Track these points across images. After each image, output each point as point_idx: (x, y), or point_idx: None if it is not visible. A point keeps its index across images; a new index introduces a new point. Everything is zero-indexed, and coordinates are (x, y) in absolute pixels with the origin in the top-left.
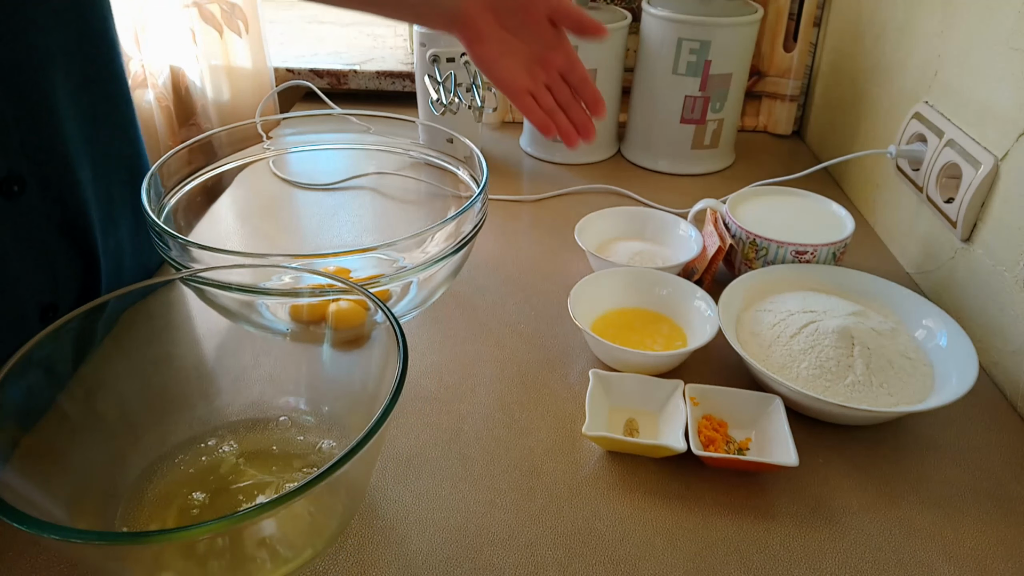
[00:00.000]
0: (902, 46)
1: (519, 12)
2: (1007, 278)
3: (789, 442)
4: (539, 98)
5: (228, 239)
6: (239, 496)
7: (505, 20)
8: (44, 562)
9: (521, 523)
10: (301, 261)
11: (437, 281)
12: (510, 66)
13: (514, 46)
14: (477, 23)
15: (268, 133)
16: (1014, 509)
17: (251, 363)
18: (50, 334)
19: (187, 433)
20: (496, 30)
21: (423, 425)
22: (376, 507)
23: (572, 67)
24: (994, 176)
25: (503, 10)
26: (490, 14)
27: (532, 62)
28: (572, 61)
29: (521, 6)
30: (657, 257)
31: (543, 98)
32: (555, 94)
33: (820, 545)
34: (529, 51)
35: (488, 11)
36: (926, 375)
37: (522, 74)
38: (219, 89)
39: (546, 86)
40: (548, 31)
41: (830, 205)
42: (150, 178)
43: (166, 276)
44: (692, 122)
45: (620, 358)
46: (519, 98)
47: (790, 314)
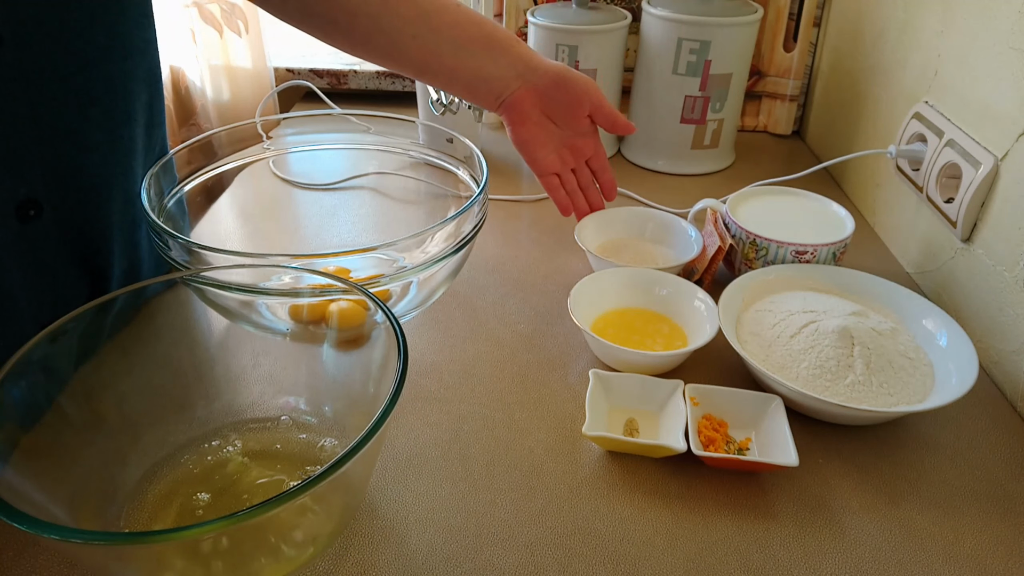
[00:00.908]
0: (902, 46)
1: (567, 104)
2: (1007, 278)
3: (789, 442)
4: (564, 180)
5: (228, 239)
6: (243, 496)
7: (549, 109)
8: (44, 562)
9: (521, 523)
10: (301, 261)
11: (437, 281)
12: (545, 149)
13: (551, 130)
14: (524, 108)
15: (268, 133)
16: (1014, 509)
17: (251, 363)
18: (50, 334)
19: (187, 433)
20: (539, 116)
21: (423, 425)
22: (376, 507)
23: (596, 154)
24: (994, 176)
25: (551, 101)
26: (539, 101)
27: (563, 146)
28: (597, 149)
29: (570, 100)
30: (657, 257)
31: (567, 180)
32: (577, 176)
33: (820, 545)
34: (562, 136)
35: (537, 99)
36: (926, 375)
37: (553, 157)
38: (219, 89)
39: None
40: (585, 124)
41: (830, 205)
42: (150, 178)
43: (166, 276)
44: (692, 122)
45: (620, 358)
46: (547, 178)
47: (790, 314)
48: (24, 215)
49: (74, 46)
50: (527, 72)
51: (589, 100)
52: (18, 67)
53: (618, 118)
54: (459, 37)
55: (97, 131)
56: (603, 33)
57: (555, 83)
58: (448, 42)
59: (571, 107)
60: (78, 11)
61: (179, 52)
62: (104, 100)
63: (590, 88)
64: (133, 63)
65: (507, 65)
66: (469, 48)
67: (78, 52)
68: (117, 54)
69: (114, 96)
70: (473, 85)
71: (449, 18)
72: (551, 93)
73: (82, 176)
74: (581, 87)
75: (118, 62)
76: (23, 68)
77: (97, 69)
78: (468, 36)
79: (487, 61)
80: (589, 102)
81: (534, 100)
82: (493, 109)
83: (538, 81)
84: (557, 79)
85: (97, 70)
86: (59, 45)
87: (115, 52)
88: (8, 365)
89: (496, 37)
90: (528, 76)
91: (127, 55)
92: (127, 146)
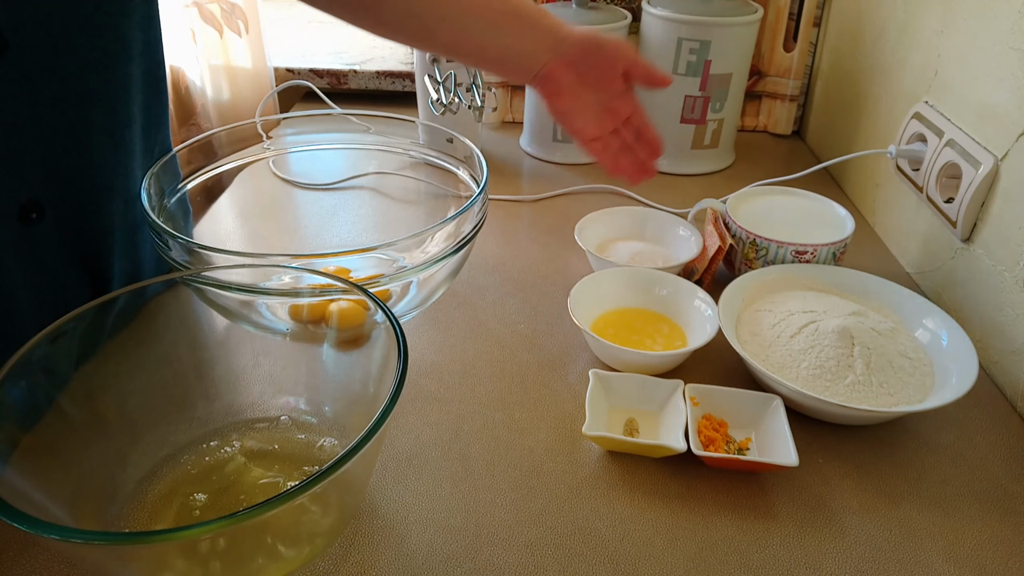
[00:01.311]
0: (902, 46)
1: (600, 68)
2: (1007, 278)
3: (789, 442)
4: (606, 142)
5: (228, 239)
6: (241, 496)
7: (584, 75)
8: (44, 562)
9: (521, 523)
10: (301, 261)
11: (437, 281)
12: (584, 117)
13: (587, 98)
14: (558, 80)
15: (268, 133)
16: (1014, 509)
17: (251, 363)
18: (50, 334)
19: (188, 433)
20: (574, 85)
21: (423, 425)
22: (376, 507)
23: (636, 111)
24: (994, 176)
25: (585, 66)
26: (572, 71)
27: (601, 111)
28: (636, 107)
29: (603, 64)
30: (657, 257)
31: (611, 142)
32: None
33: (820, 545)
34: (599, 100)
35: (570, 68)
36: (926, 375)
37: (593, 123)
38: (219, 89)
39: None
40: (620, 84)
41: (830, 205)
42: (150, 178)
43: (166, 276)
44: (692, 122)
45: (620, 358)
46: (590, 144)
47: (790, 314)
48: (26, 217)
49: (78, 49)
50: (557, 44)
51: (623, 60)
52: (22, 70)
53: (654, 73)
54: (488, 16)
55: (99, 132)
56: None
57: (585, 51)
58: (477, 21)
59: (604, 71)
60: (83, 14)
61: (179, 52)
62: (107, 102)
63: (622, 48)
64: (137, 65)
65: (536, 40)
66: (498, 26)
67: (82, 55)
68: (121, 56)
69: (117, 98)
70: (503, 62)
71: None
72: (583, 61)
73: (84, 178)
74: (612, 50)
75: (122, 64)
76: (27, 71)
77: (101, 71)
78: (496, 14)
79: (516, 38)
80: (623, 62)
81: (567, 70)
82: (526, 83)
83: (568, 51)
84: (587, 46)
85: (101, 72)
86: (63, 48)
87: (119, 54)
88: (8, 365)
89: (524, 12)
90: (558, 48)
91: (131, 57)
92: (129, 147)
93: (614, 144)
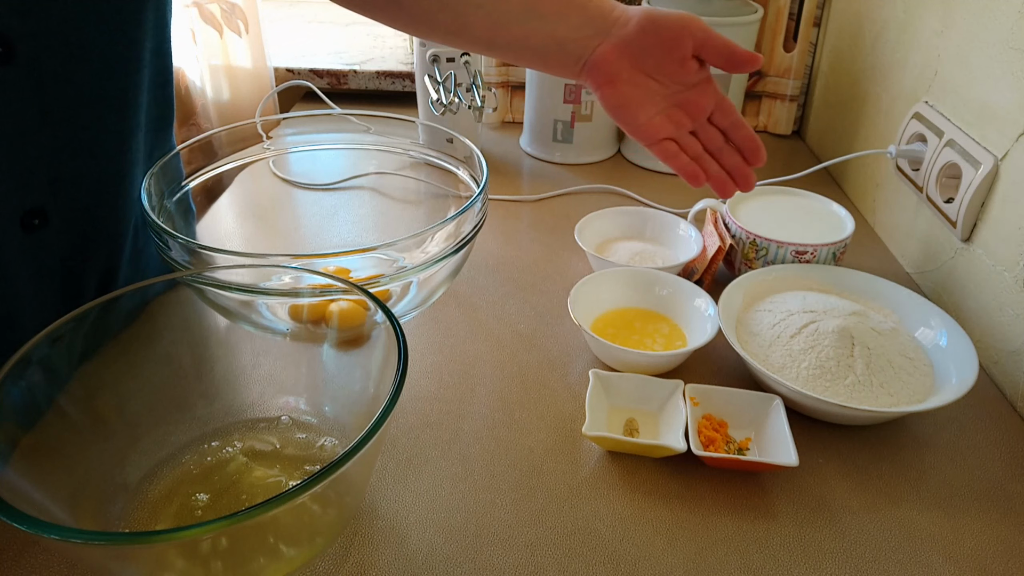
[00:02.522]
0: (902, 46)
1: (662, 50)
2: (1007, 278)
3: (789, 442)
4: (684, 144)
5: (228, 239)
6: (242, 496)
7: (643, 62)
8: (44, 562)
9: (521, 523)
10: (301, 261)
11: (437, 281)
12: (647, 111)
13: (651, 88)
14: (611, 66)
15: (268, 133)
16: (1014, 509)
17: (251, 363)
18: (50, 334)
19: (188, 433)
20: (631, 73)
21: (423, 425)
22: (376, 507)
23: (720, 107)
24: (994, 176)
25: (642, 52)
26: (627, 55)
27: (672, 106)
28: (720, 101)
29: (665, 44)
30: (657, 257)
31: (689, 144)
32: (703, 140)
33: (820, 545)
34: (667, 93)
35: (625, 53)
36: (926, 375)
37: (660, 119)
38: (219, 89)
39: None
40: (692, 70)
41: (830, 205)
42: (150, 178)
43: (166, 276)
44: None
45: (620, 358)
46: (659, 145)
47: (790, 314)
48: (29, 225)
49: (89, 58)
50: (606, 26)
51: (690, 37)
52: (31, 79)
53: (735, 50)
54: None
55: (108, 140)
56: None
57: (641, 30)
58: (516, 8)
59: (667, 52)
60: (95, 23)
61: (179, 52)
62: (116, 109)
63: (688, 23)
64: (147, 72)
65: (583, 24)
66: (539, 11)
67: (93, 63)
68: (132, 65)
69: (126, 105)
70: (547, 52)
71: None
72: (639, 43)
73: (89, 184)
74: (675, 25)
75: (133, 73)
76: (35, 80)
77: (111, 79)
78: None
79: (559, 24)
80: (691, 40)
81: (620, 55)
82: (576, 77)
83: (621, 32)
84: (643, 24)
85: (111, 80)
86: (73, 57)
87: (130, 63)
88: (8, 365)
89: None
90: (609, 30)
91: (142, 65)
92: (135, 153)
93: (692, 148)
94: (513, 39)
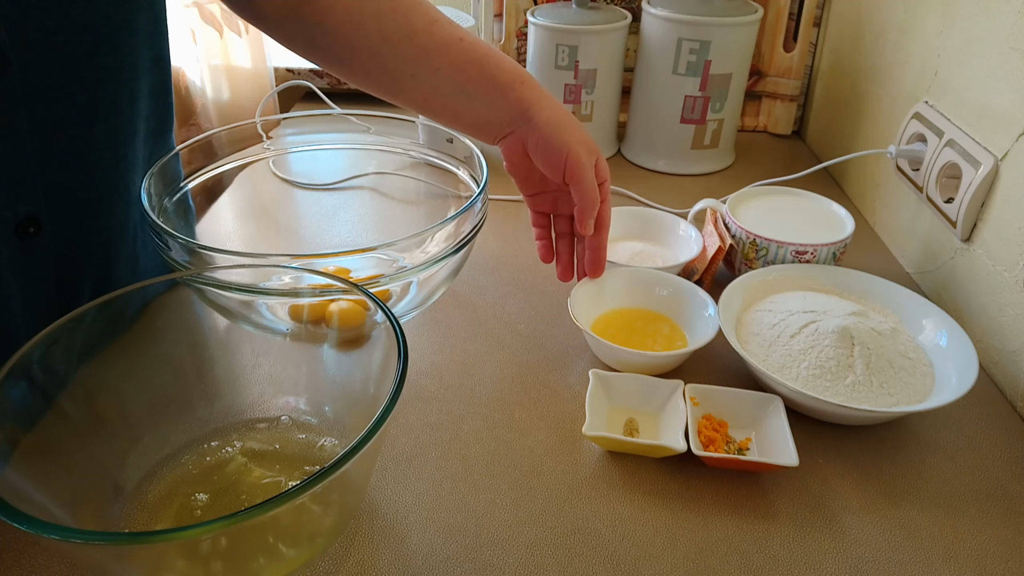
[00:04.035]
0: (902, 46)
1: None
2: (1007, 278)
3: (789, 442)
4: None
5: (228, 239)
6: (242, 496)
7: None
8: (44, 562)
9: (521, 523)
10: (301, 261)
11: (437, 281)
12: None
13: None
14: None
15: (268, 133)
16: (1014, 509)
17: (251, 363)
18: (50, 334)
19: (188, 433)
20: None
21: (423, 425)
22: (376, 507)
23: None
24: (994, 176)
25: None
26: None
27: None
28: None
29: (547, 161)
30: (657, 257)
31: (558, 222)
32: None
33: (820, 545)
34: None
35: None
36: (926, 375)
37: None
38: (219, 89)
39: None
40: (565, 188)
41: (830, 205)
42: (150, 178)
43: (166, 276)
44: (692, 122)
45: (620, 358)
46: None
47: (790, 314)
48: (24, 232)
49: (81, 68)
50: (520, 122)
51: (562, 173)
52: (24, 89)
53: (584, 211)
54: (458, 79)
55: (102, 148)
56: (603, 33)
57: (537, 144)
58: (447, 83)
59: (546, 167)
60: (87, 33)
61: (179, 52)
62: (111, 118)
63: (570, 162)
64: (144, 80)
65: (505, 110)
66: (468, 91)
67: (86, 72)
68: (126, 74)
69: (121, 114)
70: (473, 127)
71: (451, 57)
72: (533, 151)
73: (84, 193)
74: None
75: (127, 82)
76: (29, 89)
77: (104, 88)
78: (467, 78)
79: (485, 106)
80: (562, 175)
81: (520, 149)
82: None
83: (525, 135)
84: (540, 141)
85: (104, 90)
86: (66, 67)
87: (125, 71)
88: (8, 365)
89: (498, 80)
90: (518, 126)
91: (137, 74)
92: (131, 160)
93: (560, 226)
94: (443, 110)
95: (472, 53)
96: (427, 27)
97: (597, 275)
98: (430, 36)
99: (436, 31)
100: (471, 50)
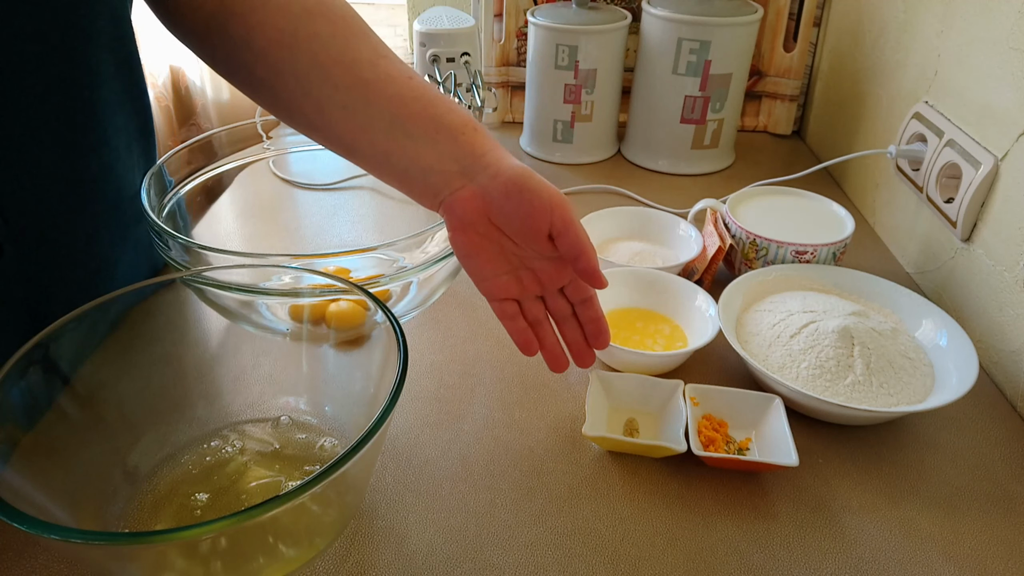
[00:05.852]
0: (902, 46)
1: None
2: (1007, 278)
3: (789, 442)
4: (525, 308)
5: (228, 239)
6: (242, 496)
7: (500, 220)
8: (44, 562)
9: (521, 523)
10: (301, 261)
11: (437, 281)
12: (496, 267)
13: (505, 247)
14: (466, 214)
15: (268, 133)
16: (1014, 509)
17: (251, 363)
18: (50, 334)
19: (188, 433)
20: (487, 227)
21: (423, 425)
22: (376, 507)
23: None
24: (994, 176)
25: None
26: (484, 210)
27: (524, 268)
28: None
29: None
30: (657, 257)
31: (530, 308)
32: (549, 307)
33: (820, 545)
34: (522, 255)
35: (484, 206)
36: (926, 375)
37: (508, 279)
38: (219, 89)
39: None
40: (547, 247)
41: (830, 205)
42: (150, 178)
43: (166, 276)
44: (692, 122)
45: (620, 358)
46: (499, 303)
47: (790, 314)
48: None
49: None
50: (474, 169)
51: (549, 221)
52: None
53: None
54: (398, 113)
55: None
56: (603, 33)
57: (507, 191)
58: (384, 118)
59: (525, 222)
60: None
61: (179, 52)
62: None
63: (554, 206)
64: (108, 88)
65: (450, 156)
66: (407, 128)
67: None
68: (84, 81)
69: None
70: (409, 176)
71: (392, 91)
72: (501, 201)
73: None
74: (540, 203)
75: (86, 89)
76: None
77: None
78: (409, 113)
79: (427, 147)
80: (549, 224)
81: (479, 206)
82: (433, 210)
83: (487, 184)
84: (510, 186)
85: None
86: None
87: (80, 80)
88: (8, 365)
89: (445, 120)
90: (475, 175)
91: (98, 83)
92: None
93: (534, 312)
94: (376, 151)
95: (420, 90)
96: (372, 59)
97: (604, 347)
98: (373, 68)
99: (382, 64)
100: (420, 88)
